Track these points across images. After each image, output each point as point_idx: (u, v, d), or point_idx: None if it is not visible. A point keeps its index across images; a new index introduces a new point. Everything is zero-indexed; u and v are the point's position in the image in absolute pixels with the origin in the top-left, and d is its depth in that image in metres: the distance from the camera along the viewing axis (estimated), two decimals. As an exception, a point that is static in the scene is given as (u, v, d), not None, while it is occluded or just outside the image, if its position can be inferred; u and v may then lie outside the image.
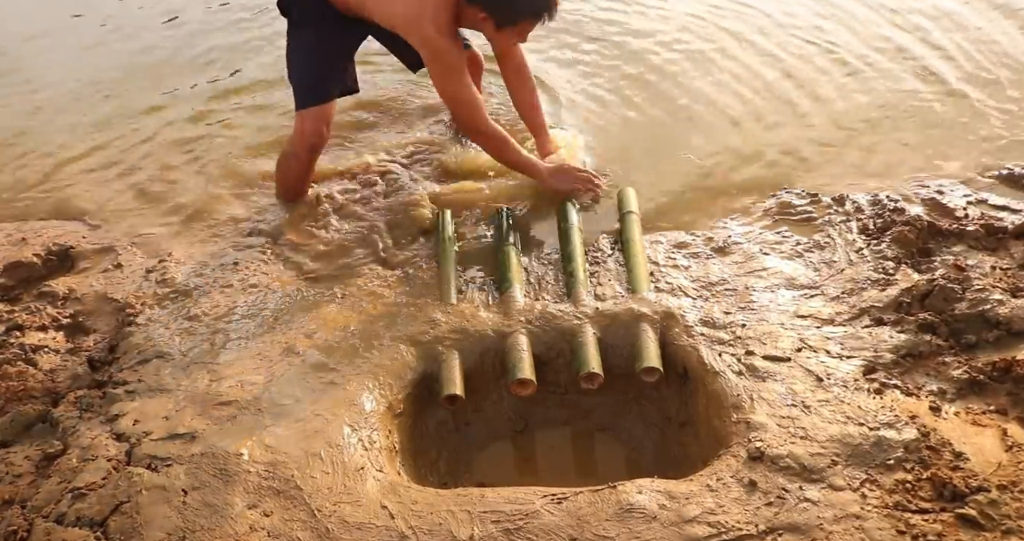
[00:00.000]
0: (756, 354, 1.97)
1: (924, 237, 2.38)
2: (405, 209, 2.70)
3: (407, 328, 2.14)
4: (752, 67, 3.58)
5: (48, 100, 3.85)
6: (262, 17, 4.52)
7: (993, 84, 3.26)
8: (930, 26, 3.78)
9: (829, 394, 1.83)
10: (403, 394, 2.01)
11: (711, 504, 1.59)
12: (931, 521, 1.53)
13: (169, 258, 2.59)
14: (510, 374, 2.04)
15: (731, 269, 2.35)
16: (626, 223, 2.53)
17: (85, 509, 1.66)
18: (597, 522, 1.57)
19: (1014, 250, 2.32)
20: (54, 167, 3.27)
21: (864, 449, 1.68)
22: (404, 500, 1.66)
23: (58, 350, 2.24)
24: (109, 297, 2.44)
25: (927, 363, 1.95)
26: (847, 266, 2.32)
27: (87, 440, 1.85)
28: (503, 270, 2.37)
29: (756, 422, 1.77)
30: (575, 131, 3.11)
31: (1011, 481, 1.60)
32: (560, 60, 3.78)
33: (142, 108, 3.68)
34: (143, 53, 4.28)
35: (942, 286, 2.11)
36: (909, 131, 3.02)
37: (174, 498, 1.67)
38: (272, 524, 1.62)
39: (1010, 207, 2.52)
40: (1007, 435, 1.72)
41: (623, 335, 2.10)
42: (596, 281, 2.31)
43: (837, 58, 3.58)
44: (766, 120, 3.18)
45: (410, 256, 2.52)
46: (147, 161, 3.26)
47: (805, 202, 2.65)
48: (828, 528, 1.53)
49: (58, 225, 2.88)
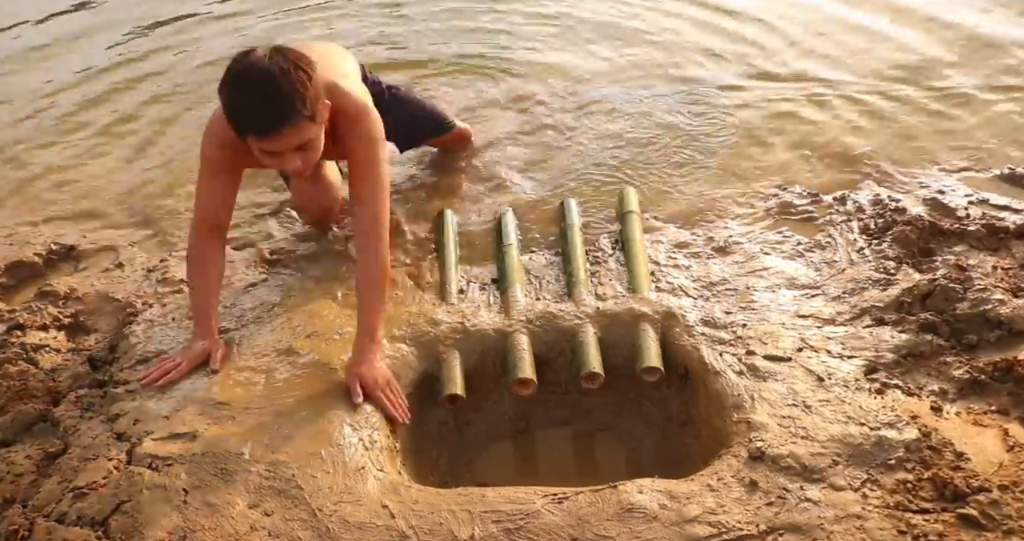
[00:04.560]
0: (757, 354, 1.97)
1: (925, 237, 2.38)
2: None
3: (407, 328, 2.14)
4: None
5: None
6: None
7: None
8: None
9: (830, 394, 1.83)
10: (404, 394, 2.01)
11: (712, 504, 1.59)
12: (932, 521, 1.53)
13: (170, 257, 2.59)
14: (511, 374, 2.04)
15: (732, 269, 2.35)
16: (626, 223, 2.53)
17: (86, 508, 1.66)
18: (598, 522, 1.57)
19: (1015, 250, 2.31)
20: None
21: (865, 449, 1.68)
22: (405, 500, 1.66)
23: (59, 349, 2.24)
24: (110, 296, 2.44)
25: (928, 363, 1.95)
26: (848, 266, 2.32)
27: (88, 439, 1.85)
28: (504, 270, 2.37)
29: (757, 422, 1.77)
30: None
31: (1012, 481, 1.59)
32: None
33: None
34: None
35: (943, 286, 2.11)
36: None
37: (175, 497, 1.67)
38: (273, 523, 1.62)
39: (1011, 207, 2.52)
40: (1008, 435, 1.72)
41: (624, 335, 2.10)
42: (597, 281, 2.31)
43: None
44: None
45: (410, 256, 2.52)
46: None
47: (806, 202, 2.65)
48: (829, 528, 1.53)
49: (58, 225, 2.88)
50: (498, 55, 3.88)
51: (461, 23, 4.27)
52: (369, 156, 2.08)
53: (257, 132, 1.86)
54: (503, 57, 3.86)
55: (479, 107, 3.43)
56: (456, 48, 3.98)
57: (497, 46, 3.97)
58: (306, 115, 1.85)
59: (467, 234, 2.62)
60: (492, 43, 4.01)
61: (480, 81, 3.64)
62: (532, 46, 3.96)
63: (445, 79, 3.69)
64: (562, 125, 3.25)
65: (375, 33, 4.25)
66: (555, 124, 3.26)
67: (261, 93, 1.81)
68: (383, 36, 4.21)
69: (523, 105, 3.41)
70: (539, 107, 3.39)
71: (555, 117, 3.30)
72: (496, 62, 3.80)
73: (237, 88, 1.84)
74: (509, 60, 3.81)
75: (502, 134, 3.21)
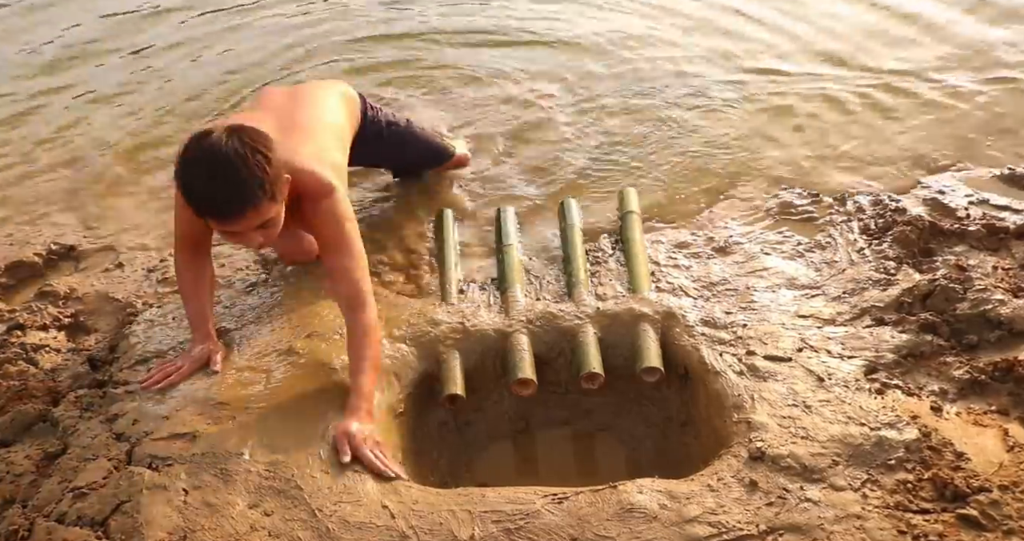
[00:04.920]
0: (757, 354, 1.97)
1: (925, 237, 2.38)
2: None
3: (407, 328, 2.14)
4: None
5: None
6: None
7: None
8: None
9: (830, 394, 1.83)
10: (404, 394, 2.01)
11: (712, 504, 1.59)
12: (932, 521, 1.53)
13: (171, 257, 2.59)
14: (511, 374, 2.04)
15: (732, 269, 2.35)
16: (627, 223, 2.53)
17: (86, 508, 1.66)
18: (598, 522, 1.57)
19: (1015, 250, 2.31)
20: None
21: (865, 449, 1.68)
22: (405, 500, 1.66)
23: (59, 349, 2.24)
24: (110, 296, 2.44)
25: (928, 363, 1.95)
26: (848, 266, 2.32)
27: (88, 439, 1.85)
28: (504, 270, 2.37)
29: (757, 422, 1.77)
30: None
31: (1012, 481, 1.59)
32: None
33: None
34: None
35: (943, 286, 2.11)
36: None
37: (175, 497, 1.67)
38: (273, 523, 1.62)
39: (1011, 207, 2.52)
40: (1008, 435, 1.72)
41: (624, 335, 2.10)
42: (597, 281, 2.31)
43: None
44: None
45: (411, 256, 2.52)
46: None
47: (806, 202, 2.65)
48: (829, 528, 1.53)
49: (58, 224, 2.88)
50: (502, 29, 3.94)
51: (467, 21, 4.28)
52: (336, 234, 2.02)
53: (215, 217, 1.85)
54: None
55: (477, 106, 3.43)
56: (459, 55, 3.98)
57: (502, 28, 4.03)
58: (265, 198, 1.82)
59: (467, 234, 2.62)
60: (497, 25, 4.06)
61: (470, 85, 3.63)
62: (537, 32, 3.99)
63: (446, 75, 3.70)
64: (563, 123, 3.25)
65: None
66: (556, 123, 3.25)
67: (219, 179, 1.78)
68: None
69: (522, 106, 3.41)
70: (539, 106, 3.39)
71: (555, 116, 3.30)
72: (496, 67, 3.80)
73: (194, 175, 1.81)
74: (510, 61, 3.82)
75: (502, 134, 3.21)
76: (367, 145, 2.52)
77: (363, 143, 2.48)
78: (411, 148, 2.77)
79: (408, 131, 2.75)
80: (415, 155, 2.83)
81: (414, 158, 2.85)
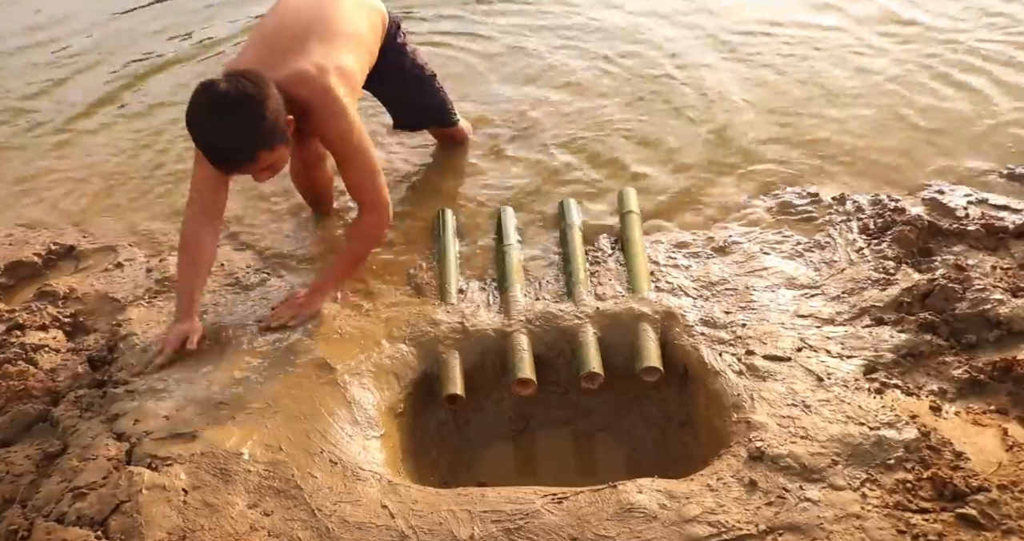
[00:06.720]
0: (756, 354, 1.97)
1: (925, 237, 2.38)
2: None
3: (407, 328, 2.14)
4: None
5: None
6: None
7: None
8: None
9: (829, 394, 1.83)
10: (404, 394, 2.02)
11: (711, 504, 1.59)
12: (931, 521, 1.53)
13: (170, 257, 2.59)
14: (511, 374, 2.04)
15: (731, 269, 2.35)
16: (626, 223, 2.53)
17: (85, 508, 1.66)
18: (597, 522, 1.57)
19: (1015, 250, 2.32)
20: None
21: (864, 449, 1.68)
22: (404, 500, 1.66)
23: (58, 349, 2.24)
24: (110, 296, 2.44)
25: (928, 363, 1.95)
26: (848, 266, 2.32)
27: (87, 439, 1.85)
28: (503, 270, 2.37)
29: (756, 422, 1.77)
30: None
31: (1012, 481, 1.59)
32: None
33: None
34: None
35: (943, 286, 2.11)
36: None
37: (174, 497, 1.67)
38: (272, 523, 1.62)
39: (1011, 207, 2.52)
40: (1007, 435, 1.72)
41: (623, 335, 2.10)
42: (596, 281, 2.31)
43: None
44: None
45: (411, 256, 2.52)
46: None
47: (806, 202, 2.65)
48: (828, 528, 1.53)
49: (59, 224, 2.88)
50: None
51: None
52: (344, 149, 2.16)
53: (223, 169, 2.03)
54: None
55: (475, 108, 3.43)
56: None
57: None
58: (264, 149, 1.97)
59: (467, 234, 2.62)
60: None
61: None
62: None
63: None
64: (563, 122, 3.25)
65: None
66: (556, 122, 3.26)
67: (221, 133, 1.93)
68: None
69: (524, 104, 3.41)
70: (539, 105, 3.39)
71: (556, 115, 3.31)
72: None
73: (198, 128, 1.95)
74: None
75: (502, 133, 3.21)
76: (387, 71, 2.53)
77: (383, 69, 2.50)
78: (425, 96, 2.81)
79: (429, 77, 2.79)
80: (425, 105, 2.85)
81: (422, 107, 2.87)
